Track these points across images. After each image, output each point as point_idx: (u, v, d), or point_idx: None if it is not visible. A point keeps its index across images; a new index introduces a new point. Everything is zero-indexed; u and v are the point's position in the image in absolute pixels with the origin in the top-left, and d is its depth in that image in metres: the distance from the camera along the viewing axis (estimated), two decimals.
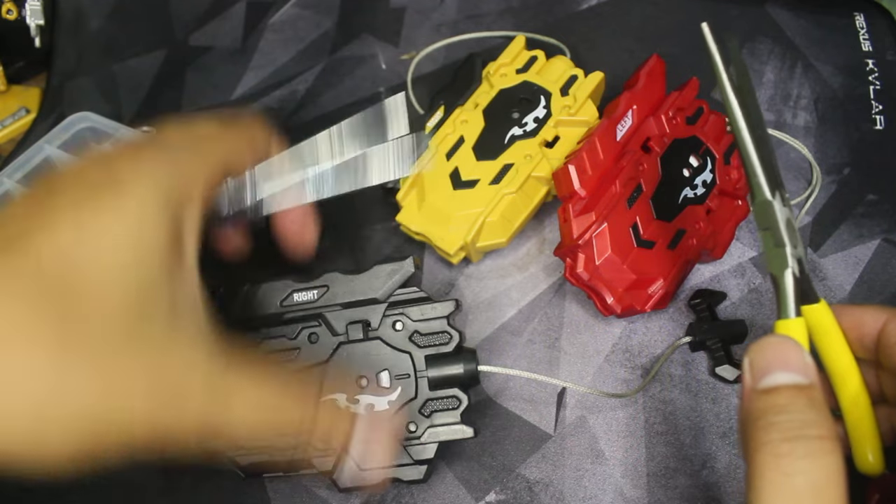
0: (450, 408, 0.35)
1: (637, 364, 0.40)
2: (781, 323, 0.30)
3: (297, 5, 0.57)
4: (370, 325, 0.36)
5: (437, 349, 0.36)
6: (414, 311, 0.36)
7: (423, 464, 0.35)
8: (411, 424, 0.35)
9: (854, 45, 0.52)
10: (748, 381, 0.26)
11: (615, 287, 0.39)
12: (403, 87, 0.52)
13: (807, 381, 0.25)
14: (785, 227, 0.30)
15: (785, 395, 0.25)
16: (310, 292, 0.37)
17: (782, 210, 0.30)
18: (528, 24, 0.54)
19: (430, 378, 0.35)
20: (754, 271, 0.43)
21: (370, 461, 0.33)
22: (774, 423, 0.24)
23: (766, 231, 0.31)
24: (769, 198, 0.30)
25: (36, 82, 0.56)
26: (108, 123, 0.47)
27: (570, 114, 0.44)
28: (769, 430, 0.24)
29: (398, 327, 0.36)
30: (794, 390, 0.25)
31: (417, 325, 0.36)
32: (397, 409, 0.35)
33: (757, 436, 0.24)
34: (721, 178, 0.43)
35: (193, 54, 0.55)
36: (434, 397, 0.35)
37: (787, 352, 0.26)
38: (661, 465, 0.38)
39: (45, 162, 0.46)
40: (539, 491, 0.37)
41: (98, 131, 0.47)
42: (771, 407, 0.25)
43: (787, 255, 0.30)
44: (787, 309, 0.30)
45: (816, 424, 0.24)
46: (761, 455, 0.24)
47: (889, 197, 0.46)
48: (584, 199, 0.39)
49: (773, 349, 0.26)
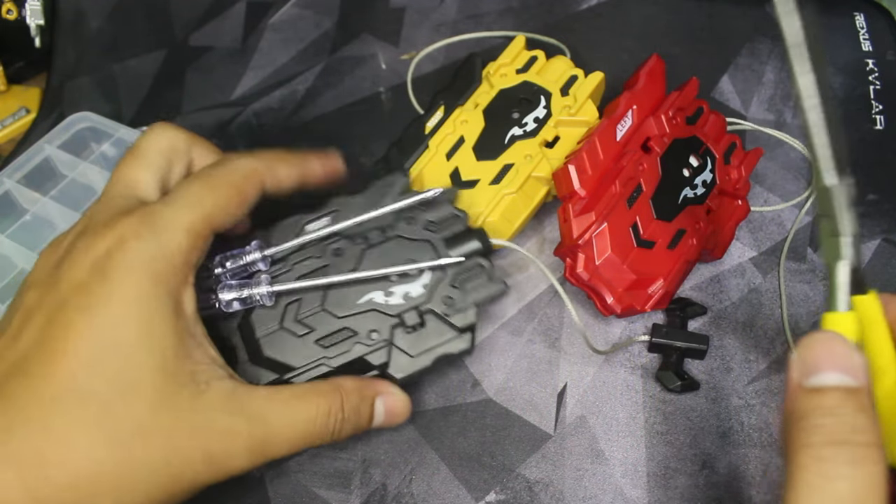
0: (477, 275, 0.38)
1: (637, 364, 0.40)
2: (830, 316, 0.28)
3: (297, 5, 0.57)
4: (384, 229, 0.39)
5: (451, 231, 0.38)
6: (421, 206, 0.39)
7: (466, 331, 0.37)
8: (447, 299, 0.37)
9: (854, 45, 0.52)
10: (795, 377, 0.25)
11: (615, 287, 0.39)
12: (403, 87, 0.52)
13: (856, 383, 0.24)
14: (846, 216, 0.28)
15: (832, 396, 0.24)
16: (321, 220, 0.39)
17: (845, 197, 0.28)
18: (528, 24, 0.54)
19: (454, 256, 0.38)
20: (754, 271, 0.43)
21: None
22: (819, 425, 0.24)
23: (824, 218, 0.29)
24: (834, 182, 0.28)
25: (36, 82, 0.56)
26: (108, 123, 0.47)
27: (571, 114, 0.44)
28: (813, 431, 0.24)
29: (411, 222, 0.39)
30: (842, 393, 0.24)
31: (428, 215, 0.39)
32: (432, 291, 0.37)
33: (800, 436, 0.24)
34: (721, 177, 0.43)
35: (193, 54, 0.55)
36: (461, 270, 0.38)
37: (838, 350, 0.25)
38: (661, 465, 0.38)
39: (45, 162, 0.46)
40: (539, 491, 0.37)
41: (98, 131, 0.47)
42: (817, 408, 0.24)
43: (844, 245, 0.28)
44: (836, 301, 0.28)
45: (863, 430, 0.23)
46: (803, 456, 0.23)
47: (889, 197, 0.46)
48: (584, 199, 0.39)
49: (822, 346, 0.25)
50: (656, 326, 0.40)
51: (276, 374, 0.36)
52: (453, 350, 0.37)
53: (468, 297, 0.37)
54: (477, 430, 0.39)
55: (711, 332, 0.41)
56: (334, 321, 0.37)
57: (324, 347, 0.37)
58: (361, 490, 0.37)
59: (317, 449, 0.39)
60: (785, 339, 0.41)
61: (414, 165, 0.44)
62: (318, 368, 0.36)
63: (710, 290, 0.43)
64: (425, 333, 0.37)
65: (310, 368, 0.36)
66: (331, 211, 0.39)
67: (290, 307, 0.37)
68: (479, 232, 0.38)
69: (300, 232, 0.39)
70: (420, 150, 0.44)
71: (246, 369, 0.36)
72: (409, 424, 0.39)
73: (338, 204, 0.39)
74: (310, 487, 0.38)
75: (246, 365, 0.36)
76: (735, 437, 0.38)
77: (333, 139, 0.47)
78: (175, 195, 0.32)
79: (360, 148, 0.49)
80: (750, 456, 0.38)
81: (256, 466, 0.31)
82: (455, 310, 0.37)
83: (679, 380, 0.39)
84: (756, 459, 0.38)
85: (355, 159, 0.49)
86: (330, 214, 0.39)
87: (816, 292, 0.42)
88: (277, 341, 0.37)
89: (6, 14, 0.53)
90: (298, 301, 0.38)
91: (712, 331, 0.41)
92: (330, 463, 0.38)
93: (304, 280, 0.37)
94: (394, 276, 0.38)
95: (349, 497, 0.37)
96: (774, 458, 0.38)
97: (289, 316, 0.37)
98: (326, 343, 0.37)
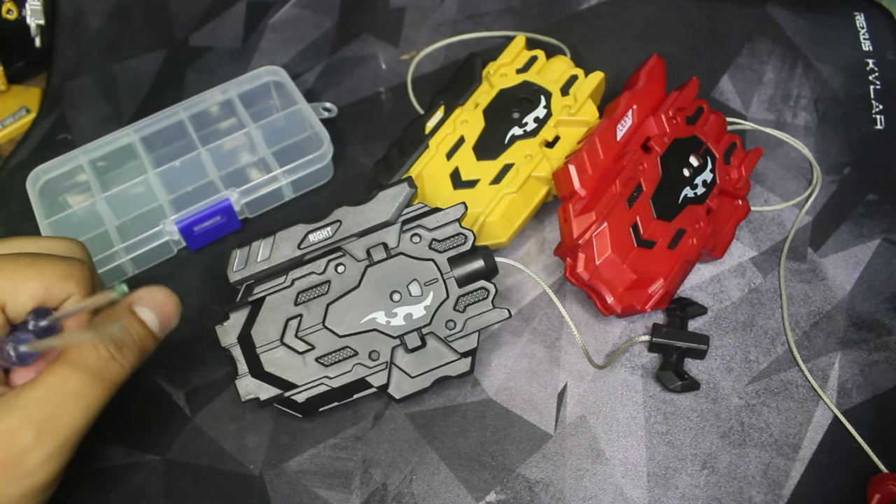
0: (481, 298, 0.38)
1: (637, 364, 0.40)
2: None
3: (297, 5, 0.57)
4: (388, 245, 0.38)
5: (456, 250, 0.38)
6: (428, 220, 0.39)
7: (467, 356, 0.37)
8: (450, 323, 0.37)
9: (854, 45, 0.52)
10: None
11: (615, 287, 0.39)
12: (403, 87, 0.52)
13: None
14: None
15: None
16: (324, 230, 0.39)
17: None
18: (529, 24, 0.54)
19: (457, 277, 0.38)
20: (754, 271, 0.43)
21: None
22: None
23: None
24: None
25: (36, 82, 0.56)
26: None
27: (571, 114, 0.44)
28: None
29: (416, 240, 0.38)
30: None
31: (434, 234, 0.38)
32: (434, 312, 0.37)
33: None
34: (721, 177, 0.43)
35: (193, 54, 0.55)
36: (464, 293, 0.38)
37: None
38: (661, 465, 0.38)
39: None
40: (539, 491, 0.37)
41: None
42: None
43: None
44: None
45: None
46: None
47: (889, 197, 0.46)
48: (584, 198, 0.39)
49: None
50: (656, 326, 0.40)
51: (279, 391, 0.36)
52: (453, 373, 0.37)
53: (470, 324, 0.37)
54: (477, 430, 0.39)
55: (711, 332, 0.41)
56: (335, 340, 0.37)
57: (324, 366, 0.37)
58: (361, 490, 0.37)
59: (317, 449, 0.39)
60: (785, 339, 0.41)
61: (414, 165, 0.44)
62: (318, 387, 0.37)
63: (710, 290, 0.43)
64: (425, 355, 0.37)
65: (311, 387, 0.37)
66: (333, 221, 0.39)
67: (290, 322, 0.37)
68: (484, 251, 0.38)
69: (302, 241, 0.38)
70: (420, 149, 0.44)
71: (248, 383, 0.36)
72: (409, 424, 0.39)
73: (341, 214, 0.39)
74: (310, 487, 0.38)
75: (247, 378, 0.36)
76: (735, 437, 0.38)
77: (334, 139, 0.47)
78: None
79: (360, 148, 0.49)
80: (750, 456, 0.38)
81: (66, 446, 0.30)
82: (457, 335, 0.37)
83: (679, 380, 0.39)
84: (756, 459, 0.38)
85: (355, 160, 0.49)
86: (330, 225, 0.39)
87: (816, 292, 0.42)
88: (277, 357, 0.37)
89: (6, 14, 0.53)
90: (299, 317, 0.37)
91: (712, 331, 0.41)
92: (330, 463, 0.38)
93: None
94: (396, 296, 0.37)
95: (349, 497, 0.37)
96: (775, 458, 0.38)
97: (289, 332, 0.37)
98: (327, 361, 0.37)
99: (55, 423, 0.30)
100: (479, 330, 0.37)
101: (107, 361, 0.31)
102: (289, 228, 0.39)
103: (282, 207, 0.47)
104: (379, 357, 0.37)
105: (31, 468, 0.29)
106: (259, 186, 0.45)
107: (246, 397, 0.36)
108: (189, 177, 0.46)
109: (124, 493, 0.38)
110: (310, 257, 0.38)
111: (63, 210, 0.45)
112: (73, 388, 0.30)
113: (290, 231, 0.39)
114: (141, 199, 0.45)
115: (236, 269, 0.38)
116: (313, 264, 0.38)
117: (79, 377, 0.30)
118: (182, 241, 0.45)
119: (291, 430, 0.39)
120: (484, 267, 0.38)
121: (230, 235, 0.46)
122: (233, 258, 0.38)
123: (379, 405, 0.40)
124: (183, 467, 0.39)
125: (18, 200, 0.47)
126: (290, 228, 0.39)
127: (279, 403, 0.37)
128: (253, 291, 0.38)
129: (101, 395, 0.31)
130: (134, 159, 0.47)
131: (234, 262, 0.38)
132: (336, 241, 0.38)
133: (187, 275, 0.45)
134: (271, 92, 0.50)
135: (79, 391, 0.30)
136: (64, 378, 0.30)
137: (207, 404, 0.40)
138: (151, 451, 0.39)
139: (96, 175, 0.46)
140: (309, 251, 0.38)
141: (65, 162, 0.46)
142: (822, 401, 0.39)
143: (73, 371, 0.30)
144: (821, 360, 0.40)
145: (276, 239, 0.38)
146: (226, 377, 0.41)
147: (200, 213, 0.43)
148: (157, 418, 0.40)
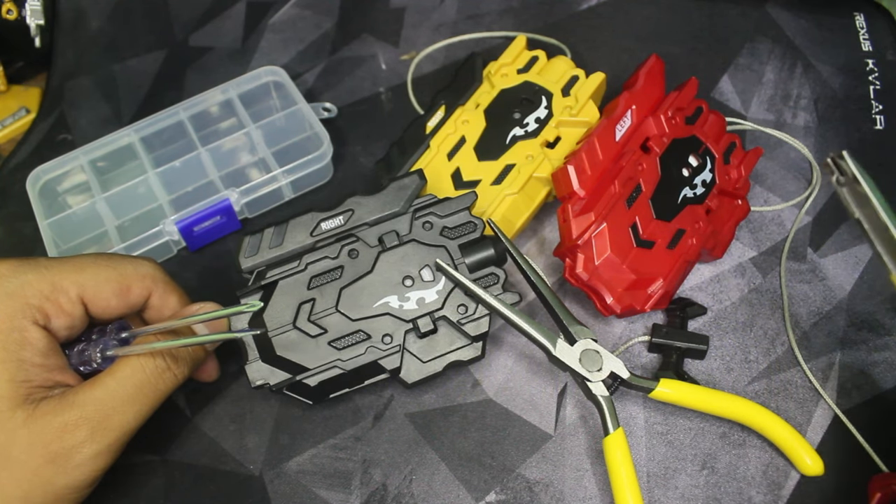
0: (492, 283, 0.38)
1: (637, 364, 0.40)
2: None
3: (297, 5, 0.57)
4: (400, 233, 0.39)
5: (467, 237, 0.39)
6: (439, 207, 0.39)
7: (478, 340, 0.38)
8: (461, 307, 0.38)
9: (854, 45, 0.52)
10: None
11: (615, 287, 0.39)
12: (403, 87, 0.52)
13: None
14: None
15: None
16: (336, 218, 0.39)
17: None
18: (529, 24, 0.54)
19: (468, 263, 0.38)
20: (754, 271, 0.43)
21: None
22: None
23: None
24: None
25: (36, 82, 0.56)
26: None
27: (572, 114, 0.44)
28: None
29: (427, 227, 0.39)
30: None
31: (445, 221, 0.39)
32: (446, 296, 0.38)
33: None
34: (721, 177, 0.43)
35: (193, 54, 0.55)
36: (475, 278, 0.38)
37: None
38: (661, 465, 0.38)
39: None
40: (539, 491, 0.37)
41: None
42: None
43: None
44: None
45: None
46: None
47: (889, 197, 0.45)
48: (583, 199, 0.39)
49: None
50: (656, 326, 0.40)
51: (289, 374, 0.36)
52: (464, 357, 0.37)
53: (482, 308, 0.38)
54: (477, 430, 0.39)
55: (711, 332, 0.41)
56: (348, 323, 0.37)
57: (337, 349, 0.37)
58: (361, 490, 0.37)
59: (317, 449, 0.39)
60: (785, 339, 0.41)
61: (415, 165, 0.44)
62: (331, 370, 0.37)
63: (710, 290, 0.43)
64: (437, 339, 0.37)
65: (323, 370, 0.36)
66: (345, 210, 0.39)
67: (303, 306, 0.37)
68: (494, 240, 0.39)
69: (315, 229, 0.39)
70: (421, 149, 0.44)
71: (259, 368, 0.36)
72: (408, 424, 0.39)
73: (353, 203, 0.39)
74: (310, 487, 0.38)
75: (258, 364, 0.36)
76: (735, 437, 0.38)
77: (334, 139, 0.47)
78: (66, 259, 0.33)
79: (360, 148, 0.49)
80: (750, 456, 0.38)
81: (115, 446, 0.32)
82: (468, 318, 0.37)
83: (679, 380, 0.39)
84: (756, 459, 0.38)
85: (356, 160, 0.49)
86: (342, 214, 0.39)
87: (816, 292, 0.42)
88: (290, 341, 0.37)
89: (6, 14, 0.53)
90: (312, 301, 0.37)
91: (712, 331, 0.41)
92: (330, 463, 0.38)
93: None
94: (408, 281, 0.38)
95: (349, 497, 0.37)
96: (774, 458, 0.38)
97: (302, 315, 0.37)
98: (340, 345, 0.37)
99: (109, 423, 0.32)
100: (490, 314, 0.38)
101: (163, 371, 0.34)
102: (301, 216, 0.39)
103: (282, 207, 0.47)
104: (392, 341, 0.37)
105: (80, 462, 0.31)
106: (259, 186, 0.45)
107: (256, 383, 0.36)
108: (189, 177, 0.46)
109: (124, 493, 0.38)
110: (323, 244, 0.39)
111: (63, 210, 0.45)
112: (129, 394, 0.32)
113: (302, 218, 0.39)
114: (141, 199, 0.45)
115: (248, 255, 0.38)
116: (327, 248, 0.38)
117: (136, 384, 0.33)
118: (182, 242, 0.45)
119: (291, 430, 0.39)
120: (494, 254, 0.38)
121: (230, 235, 0.46)
122: (244, 245, 0.38)
123: (379, 405, 0.40)
124: (183, 467, 0.39)
125: (18, 200, 0.47)
126: (302, 216, 0.39)
127: (289, 389, 0.37)
128: (266, 276, 0.38)
129: (153, 402, 0.33)
130: (134, 159, 0.47)
131: (246, 249, 0.38)
132: (348, 229, 0.39)
133: (187, 275, 0.45)
134: (271, 92, 0.50)
135: (134, 397, 0.32)
136: (122, 383, 0.32)
137: (207, 404, 0.40)
138: (151, 451, 0.39)
139: (96, 175, 0.46)
140: (321, 238, 0.39)
141: (65, 162, 0.46)
142: (822, 400, 0.39)
143: (131, 377, 0.33)
144: (821, 360, 0.40)
145: (288, 226, 0.39)
146: (226, 377, 0.41)
147: (200, 214, 0.44)
148: (157, 418, 0.40)
